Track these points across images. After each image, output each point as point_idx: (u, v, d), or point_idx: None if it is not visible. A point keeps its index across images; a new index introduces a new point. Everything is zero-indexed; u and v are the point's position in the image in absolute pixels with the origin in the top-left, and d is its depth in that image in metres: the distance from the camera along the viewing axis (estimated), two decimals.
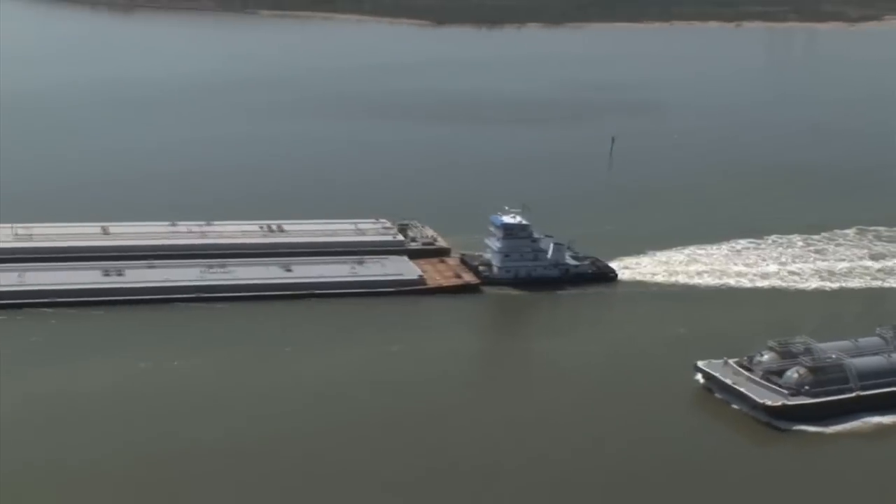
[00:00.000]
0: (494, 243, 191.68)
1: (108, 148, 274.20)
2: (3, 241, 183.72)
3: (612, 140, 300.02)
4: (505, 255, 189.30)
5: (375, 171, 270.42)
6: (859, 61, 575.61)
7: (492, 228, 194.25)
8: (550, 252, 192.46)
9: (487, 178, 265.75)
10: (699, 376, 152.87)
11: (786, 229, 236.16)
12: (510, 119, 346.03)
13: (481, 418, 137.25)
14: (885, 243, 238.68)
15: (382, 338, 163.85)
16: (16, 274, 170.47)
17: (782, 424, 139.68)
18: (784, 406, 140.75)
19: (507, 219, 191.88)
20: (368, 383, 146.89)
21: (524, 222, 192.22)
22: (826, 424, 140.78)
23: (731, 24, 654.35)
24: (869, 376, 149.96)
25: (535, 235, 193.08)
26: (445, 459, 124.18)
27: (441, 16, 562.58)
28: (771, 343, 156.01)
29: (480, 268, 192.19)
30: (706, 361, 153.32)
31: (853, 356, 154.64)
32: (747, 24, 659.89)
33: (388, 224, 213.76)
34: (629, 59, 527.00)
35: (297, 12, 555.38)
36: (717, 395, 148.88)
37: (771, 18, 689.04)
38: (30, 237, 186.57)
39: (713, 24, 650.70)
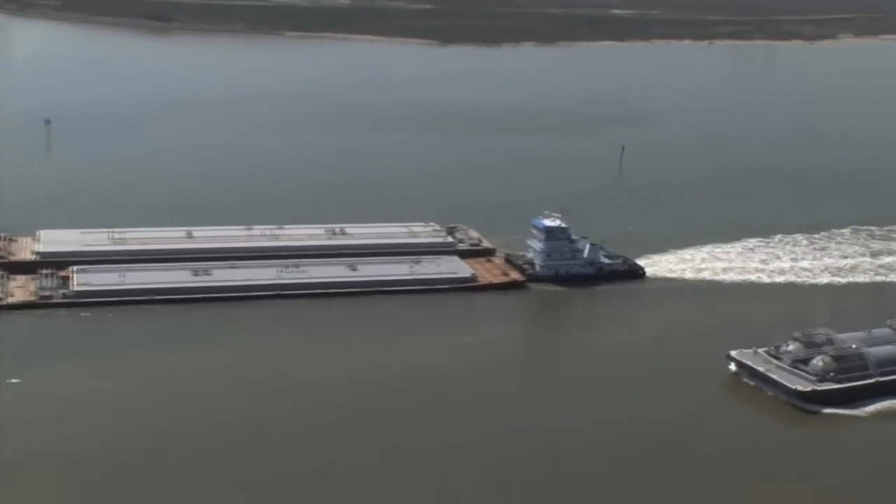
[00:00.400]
0: (537, 244, 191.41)
1: (179, 157, 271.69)
2: (101, 245, 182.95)
3: (622, 148, 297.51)
4: (547, 254, 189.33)
5: (415, 179, 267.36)
6: (820, 73, 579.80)
7: (534, 231, 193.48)
8: (586, 252, 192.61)
9: (514, 185, 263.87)
10: (731, 364, 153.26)
11: (789, 229, 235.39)
12: (522, 129, 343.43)
13: (545, 396, 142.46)
14: (880, 241, 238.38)
15: (452, 330, 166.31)
16: (117, 274, 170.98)
17: (811, 407, 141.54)
18: (813, 391, 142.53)
19: (548, 222, 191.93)
20: (460, 367, 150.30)
21: (563, 225, 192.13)
22: (850, 407, 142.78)
23: (704, 42, 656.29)
24: (886, 364, 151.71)
25: (573, 237, 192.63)
26: (524, 420, 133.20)
27: (445, 36, 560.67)
28: (796, 334, 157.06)
29: (524, 266, 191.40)
30: (738, 351, 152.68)
31: (869, 346, 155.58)
32: (718, 42, 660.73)
33: (438, 227, 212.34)
34: (619, 74, 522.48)
35: (317, 33, 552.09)
36: (749, 382, 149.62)
37: (738, 37, 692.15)
38: (124, 241, 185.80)
39: (688, 42, 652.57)
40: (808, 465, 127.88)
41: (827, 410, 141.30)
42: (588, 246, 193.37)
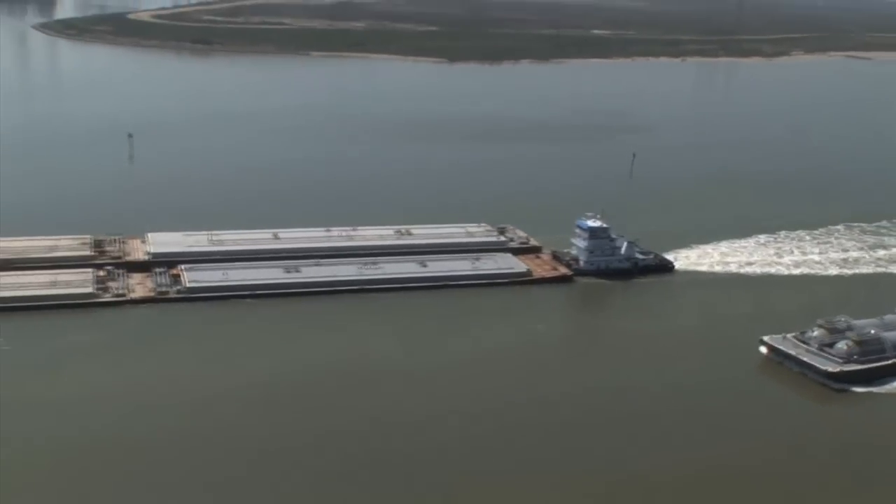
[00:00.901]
0: (581, 242, 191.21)
1: (249, 165, 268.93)
2: (202, 246, 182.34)
3: (634, 155, 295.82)
4: (590, 251, 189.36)
5: (455, 184, 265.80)
6: (782, 85, 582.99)
7: (577, 230, 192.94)
8: (624, 248, 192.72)
9: (545, 188, 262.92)
10: (763, 348, 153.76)
11: (790, 226, 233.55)
12: (540, 138, 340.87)
13: (607, 369, 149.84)
14: (872, 236, 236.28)
15: (524, 318, 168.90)
16: (220, 272, 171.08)
17: (839, 386, 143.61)
18: (841, 371, 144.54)
19: (591, 223, 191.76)
20: (547, 348, 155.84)
21: (604, 225, 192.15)
22: (872, 385, 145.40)
23: (678, 59, 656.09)
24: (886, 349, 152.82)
25: (612, 235, 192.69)
26: (594, 384, 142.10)
27: (453, 55, 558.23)
28: (819, 321, 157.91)
29: (570, 262, 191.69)
30: (770, 336, 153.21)
31: (884, 331, 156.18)
32: (689, 59, 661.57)
33: (490, 227, 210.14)
34: (611, 88, 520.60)
35: (338, 53, 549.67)
36: (781, 363, 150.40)
37: (706, 54, 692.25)
38: (221, 242, 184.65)
39: (664, 59, 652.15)
40: (844, 433, 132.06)
41: (854, 388, 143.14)
42: (625, 243, 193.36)
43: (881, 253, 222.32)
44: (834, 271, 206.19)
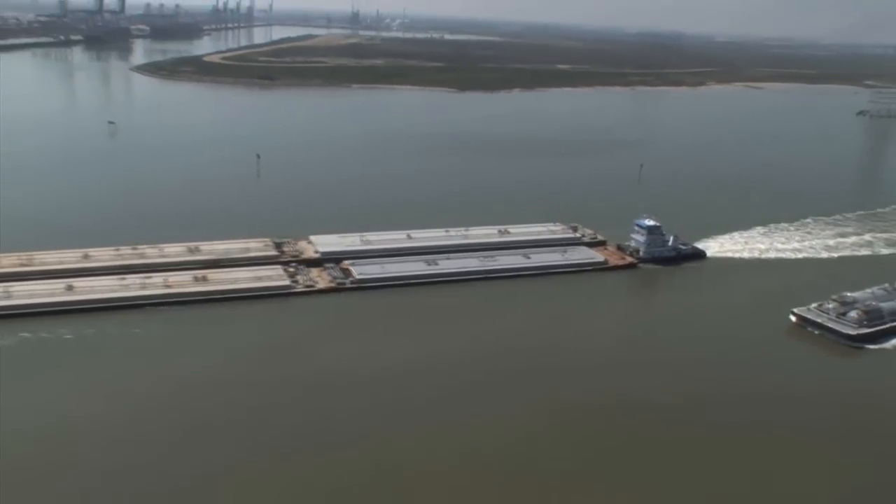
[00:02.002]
0: (640, 237, 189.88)
1: (348, 176, 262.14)
2: (356, 245, 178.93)
3: (641, 166, 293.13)
4: (648, 244, 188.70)
5: (509, 190, 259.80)
6: (709, 107, 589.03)
7: (637, 228, 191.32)
8: (671, 241, 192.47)
9: (576, 193, 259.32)
10: (792, 317, 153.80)
11: (776, 220, 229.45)
12: (557, 153, 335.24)
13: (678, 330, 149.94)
14: (836, 227, 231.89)
15: (611, 295, 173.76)
16: (378, 266, 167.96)
17: (857, 345, 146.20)
18: (858, 334, 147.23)
19: (649, 222, 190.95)
20: (653, 320, 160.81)
21: (657, 224, 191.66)
22: (879, 343, 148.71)
23: (628, 88, 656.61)
24: (894, 313, 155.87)
25: (663, 231, 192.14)
26: (668, 335, 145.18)
27: (461, 85, 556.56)
28: (833, 297, 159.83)
29: (633, 253, 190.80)
30: (798, 308, 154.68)
31: (879, 302, 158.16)
32: (637, 88, 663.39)
33: (564, 226, 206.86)
34: (591, 111, 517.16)
35: (371, 85, 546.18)
36: (805, 328, 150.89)
37: (647, 84, 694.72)
38: (370, 242, 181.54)
39: (618, 88, 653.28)
40: (867, 379, 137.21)
41: (865, 346, 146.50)
42: (672, 237, 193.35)
43: (853, 239, 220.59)
44: (825, 255, 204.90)
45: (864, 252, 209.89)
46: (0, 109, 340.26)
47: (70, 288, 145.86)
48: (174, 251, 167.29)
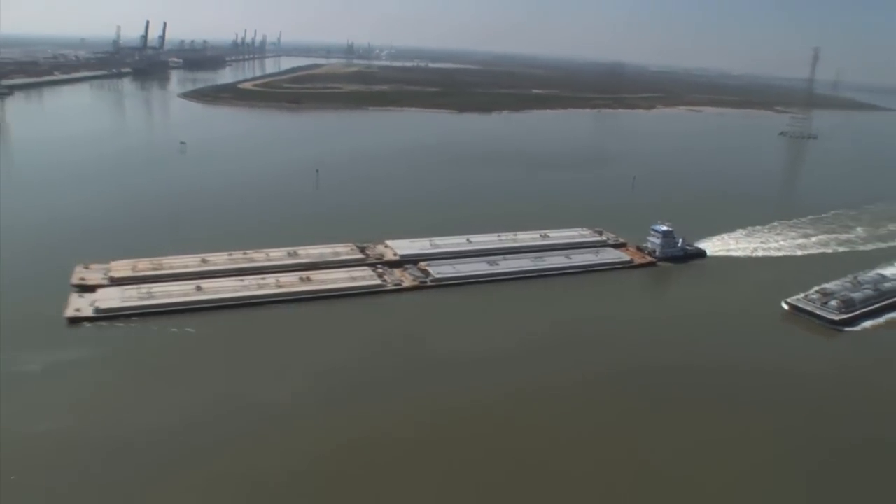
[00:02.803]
0: (656, 240, 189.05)
1: (400, 187, 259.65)
2: (427, 249, 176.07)
3: (634, 178, 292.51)
4: (663, 246, 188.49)
5: (538, 199, 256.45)
6: (665, 127, 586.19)
7: (653, 232, 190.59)
8: (680, 243, 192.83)
9: (583, 201, 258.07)
10: (785, 305, 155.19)
11: (752, 223, 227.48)
12: (555, 166, 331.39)
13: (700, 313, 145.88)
14: (799, 228, 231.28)
15: (641, 287, 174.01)
16: (451, 266, 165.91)
17: (836, 328, 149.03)
18: (840, 319, 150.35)
19: (663, 227, 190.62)
20: (674, 307, 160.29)
21: (671, 229, 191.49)
22: (854, 326, 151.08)
23: (596, 110, 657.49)
24: (863, 302, 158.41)
25: (674, 235, 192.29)
26: (686, 314, 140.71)
27: (460, 107, 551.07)
28: (816, 288, 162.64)
29: (650, 253, 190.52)
30: (789, 298, 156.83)
31: (851, 292, 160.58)
32: (602, 110, 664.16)
33: (590, 230, 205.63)
34: (574, 130, 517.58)
35: (383, 107, 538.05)
36: (795, 315, 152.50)
37: (609, 107, 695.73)
38: (438, 246, 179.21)
39: (587, 110, 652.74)
40: (849, 352, 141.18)
41: (845, 329, 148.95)
42: (681, 240, 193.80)
43: (814, 239, 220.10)
44: (799, 252, 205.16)
45: (826, 250, 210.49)
46: (85, 133, 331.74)
47: (199, 288, 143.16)
48: (277, 255, 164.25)
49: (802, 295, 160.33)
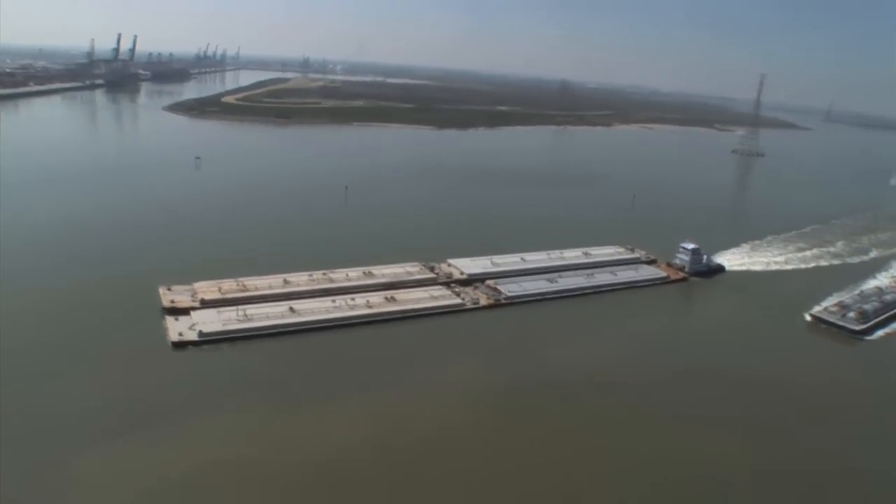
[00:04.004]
0: (685, 256, 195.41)
1: (421, 203, 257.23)
2: (489, 268, 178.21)
3: (633, 196, 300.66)
4: (691, 262, 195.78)
5: (556, 216, 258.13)
6: (629, 144, 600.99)
7: (682, 249, 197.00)
8: (705, 259, 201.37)
9: (595, 219, 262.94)
10: (808, 317, 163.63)
11: (749, 238, 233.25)
12: (548, 184, 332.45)
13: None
14: (793, 243, 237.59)
15: (681, 299, 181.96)
16: (517, 284, 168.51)
17: (857, 337, 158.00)
18: (859, 329, 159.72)
19: (691, 245, 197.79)
20: (710, 317, 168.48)
21: (697, 247, 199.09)
22: (870, 335, 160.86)
23: (561, 127, 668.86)
24: (875, 313, 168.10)
25: (701, 252, 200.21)
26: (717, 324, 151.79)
27: (439, 124, 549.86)
28: (835, 301, 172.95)
29: (680, 269, 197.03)
30: (812, 310, 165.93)
31: (863, 304, 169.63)
32: (567, 127, 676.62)
33: (623, 248, 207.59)
34: (545, 146, 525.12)
35: (367, 123, 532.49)
36: (818, 325, 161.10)
37: (572, 124, 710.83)
38: (498, 265, 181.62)
39: (552, 127, 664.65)
40: (868, 355, 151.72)
41: (865, 338, 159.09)
42: (705, 256, 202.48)
43: (808, 253, 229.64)
44: (803, 266, 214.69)
45: (823, 263, 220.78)
46: (90, 149, 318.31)
47: (292, 310, 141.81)
48: (355, 275, 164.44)
49: (822, 307, 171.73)
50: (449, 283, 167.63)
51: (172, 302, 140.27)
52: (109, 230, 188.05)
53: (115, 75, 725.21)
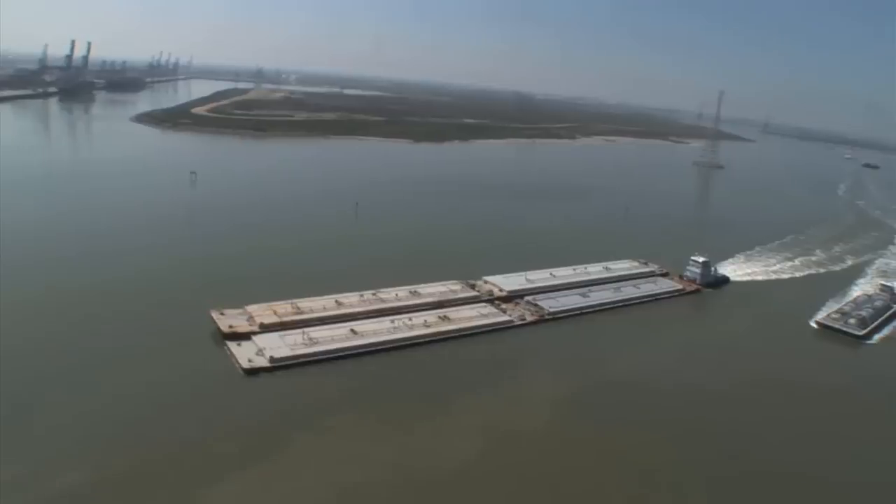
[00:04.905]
0: (696, 269, 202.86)
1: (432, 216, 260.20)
2: (523, 284, 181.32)
3: (627, 208, 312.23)
4: (702, 275, 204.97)
5: (564, 232, 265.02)
6: (600, 157, 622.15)
7: (692, 262, 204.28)
8: (713, 271, 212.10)
9: (598, 233, 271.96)
10: (813, 323, 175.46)
11: (740, 249, 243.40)
12: (542, 197, 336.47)
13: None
14: (779, 253, 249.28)
15: (700, 308, 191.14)
16: (554, 300, 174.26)
17: (862, 342, 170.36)
18: (861, 334, 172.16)
19: (701, 259, 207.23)
20: (729, 324, 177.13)
21: (707, 260, 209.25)
22: (870, 338, 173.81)
23: (530, 141, 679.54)
24: (872, 318, 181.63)
25: (710, 265, 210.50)
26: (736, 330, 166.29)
27: (417, 137, 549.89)
28: (831, 307, 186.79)
29: (692, 281, 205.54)
30: (817, 317, 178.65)
31: (860, 310, 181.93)
32: (536, 141, 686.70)
33: (637, 262, 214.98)
34: (524, 159, 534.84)
35: (344, 136, 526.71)
36: (824, 331, 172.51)
37: (539, 137, 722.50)
38: (532, 281, 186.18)
39: (522, 140, 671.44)
40: (880, 358, 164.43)
41: (867, 342, 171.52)
42: (714, 268, 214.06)
43: (796, 262, 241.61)
44: (797, 274, 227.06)
45: (811, 271, 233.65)
46: (73, 164, 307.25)
47: (354, 332, 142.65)
48: (402, 294, 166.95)
49: (824, 314, 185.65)
50: (492, 300, 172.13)
51: (231, 327, 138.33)
52: (133, 251, 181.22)
53: (68, 84, 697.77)
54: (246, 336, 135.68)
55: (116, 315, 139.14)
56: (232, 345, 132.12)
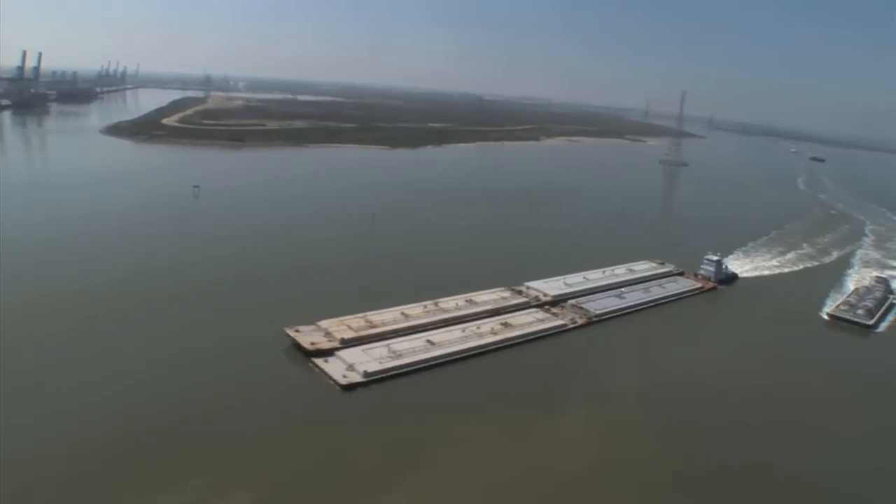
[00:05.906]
0: (710, 268, 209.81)
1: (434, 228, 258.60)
2: (563, 288, 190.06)
3: (622, 210, 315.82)
4: (716, 273, 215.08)
5: (567, 235, 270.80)
6: (567, 157, 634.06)
7: (706, 261, 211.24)
8: (725, 269, 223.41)
9: (599, 235, 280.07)
10: (824, 315, 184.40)
11: (735, 246, 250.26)
12: (530, 201, 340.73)
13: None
14: (773, 247, 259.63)
15: (718, 305, 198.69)
16: (595, 302, 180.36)
17: (871, 330, 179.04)
18: (869, 323, 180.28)
19: (714, 258, 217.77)
20: (748, 319, 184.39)
21: (720, 258, 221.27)
22: (877, 327, 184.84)
23: (498, 143, 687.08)
24: (876, 309, 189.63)
25: (722, 262, 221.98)
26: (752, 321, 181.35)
27: (392, 143, 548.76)
28: (844, 300, 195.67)
29: (707, 279, 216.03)
30: (828, 309, 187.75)
31: (864, 301, 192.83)
32: (503, 143, 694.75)
33: (655, 262, 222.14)
34: (505, 162, 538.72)
35: (320, 144, 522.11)
36: (839, 322, 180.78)
37: (504, 139, 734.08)
38: (570, 285, 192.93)
39: (490, 143, 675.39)
40: (881, 344, 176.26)
41: (875, 331, 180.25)
42: (726, 265, 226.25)
43: (791, 255, 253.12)
44: (797, 267, 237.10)
45: (807, 265, 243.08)
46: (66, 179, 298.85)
47: (431, 343, 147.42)
48: (461, 303, 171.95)
49: (833, 305, 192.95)
50: (541, 305, 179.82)
51: (313, 344, 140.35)
52: (179, 271, 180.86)
53: (21, 96, 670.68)
54: (329, 352, 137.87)
55: (197, 334, 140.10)
56: (319, 361, 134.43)
